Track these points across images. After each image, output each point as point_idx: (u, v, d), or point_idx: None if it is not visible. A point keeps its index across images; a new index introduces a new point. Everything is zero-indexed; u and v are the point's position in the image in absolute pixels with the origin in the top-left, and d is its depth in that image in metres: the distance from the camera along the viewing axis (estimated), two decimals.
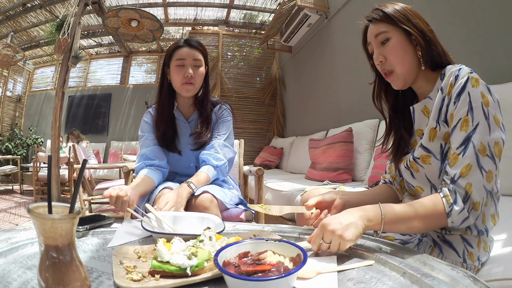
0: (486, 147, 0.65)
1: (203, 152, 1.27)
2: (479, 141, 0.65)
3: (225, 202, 1.17)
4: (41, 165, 4.51)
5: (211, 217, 0.83)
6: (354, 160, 2.50)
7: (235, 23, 5.84)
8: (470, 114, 0.66)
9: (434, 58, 0.76)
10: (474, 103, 0.66)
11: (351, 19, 3.03)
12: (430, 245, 0.78)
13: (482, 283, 0.44)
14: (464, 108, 0.67)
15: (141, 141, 1.32)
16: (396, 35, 0.77)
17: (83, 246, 0.65)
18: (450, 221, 0.66)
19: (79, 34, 3.65)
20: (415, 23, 0.76)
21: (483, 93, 0.67)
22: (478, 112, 0.66)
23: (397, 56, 0.77)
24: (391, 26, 0.77)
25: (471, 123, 0.66)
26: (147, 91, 6.24)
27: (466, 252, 0.74)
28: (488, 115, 0.66)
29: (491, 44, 1.64)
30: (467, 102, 0.67)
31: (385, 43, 0.78)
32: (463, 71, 0.70)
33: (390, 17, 0.77)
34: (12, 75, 6.69)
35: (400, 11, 0.77)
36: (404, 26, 0.75)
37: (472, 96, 0.67)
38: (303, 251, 0.48)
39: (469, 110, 0.67)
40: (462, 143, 0.67)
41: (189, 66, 1.22)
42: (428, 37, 0.76)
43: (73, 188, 2.98)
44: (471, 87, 0.67)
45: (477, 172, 0.65)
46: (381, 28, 0.78)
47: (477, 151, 0.65)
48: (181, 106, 1.34)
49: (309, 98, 4.19)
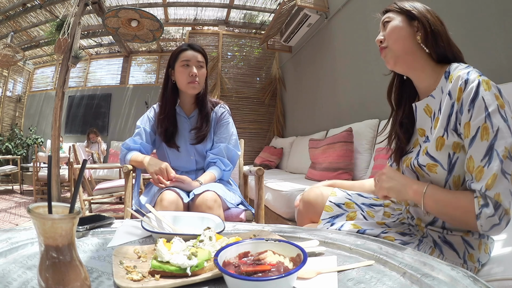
0: (509, 149, 0.62)
1: (212, 156, 1.36)
2: (503, 147, 0.62)
3: (227, 201, 1.20)
4: (41, 165, 4.51)
5: (211, 217, 0.83)
6: (354, 160, 2.50)
7: (235, 23, 5.83)
8: (489, 121, 0.63)
9: (438, 48, 0.76)
10: (490, 108, 0.63)
11: (351, 19, 3.04)
12: (430, 246, 0.78)
13: (482, 283, 0.44)
14: (481, 115, 0.64)
15: (136, 130, 1.40)
16: (397, 18, 0.81)
17: (83, 246, 0.65)
18: (479, 224, 0.64)
19: (79, 34, 3.65)
20: (420, 10, 0.78)
21: (497, 95, 0.65)
22: (496, 116, 0.63)
23: (393, 33, 0.80)
24: (397, 12, 0.82)
25: (491, 130, 0.63)
26: (147, 91, 6.25)
27: (466, 253, 0.73)
28: (506, 117, 0.63)
29: (491, 44, 1.64)
30: (483, 109, 0.64)
31: (387, 26, 0.82)
32: (472, 74, 0.67)
33: (399, 6, 0.82)
34: (12, 75, 6.69)
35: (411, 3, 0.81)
36: (407, 10, 0.79)
37: (487, 100, 0.64)
38: (303, 251, 0.48)
39: (487, 117, 0.63)
40: (485, 153, 0.63)
41: (193, 66, 1.32)
42: (435, 28, 0.76)
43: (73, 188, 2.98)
44: (484, 91, 0.64)
45: (502, 179, 0.62)
46: (389, 15, 0.83)
47: (502, 157, 0.62)
48: (183, 103, 1.42)
49: (309, 98, 4.19)
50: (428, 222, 0.80)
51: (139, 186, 1.41)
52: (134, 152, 1.35)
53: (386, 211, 0.96)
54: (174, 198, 1.11)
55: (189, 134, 1.38)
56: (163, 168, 1.19)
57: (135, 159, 1.32)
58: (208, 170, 1.34)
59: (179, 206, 1.11)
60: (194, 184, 1.21)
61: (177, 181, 1.18)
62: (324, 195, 1.03)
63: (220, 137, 1.39)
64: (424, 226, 0.81)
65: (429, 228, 0.80)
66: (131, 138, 1.38)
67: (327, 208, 0.98)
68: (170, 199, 1.10)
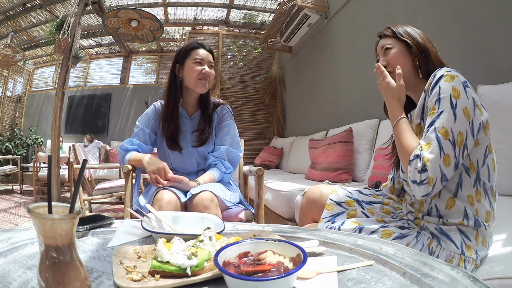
0: (449, 132, 0.73)
1: (212, 158, 1.35)
2: (440, 125, 0.74)
3: (225, 200, 1.19)
4: (41, 165, 4.51)
5: (211, 217, 0.83)
6: (354, 160, 2.50)
7: (235, 23, 5.84)
8: (437, 103, 0.76)
9: (429, 68, 0.87)
10: (442, 94, 0.76)
11: (351, 19, 3.04)
12: (428, 237, 0.81)
13: (482, 283, 0.44)
14: (434, 99, 0.77)
15: (135, 130, 1.39)
16: (397, 46, 0.91)
17: (83, 246, 0.65)
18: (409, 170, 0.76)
19: (79, 34, 3.65)
20: (414, 37, 0.90)
21: (455, 87, 0.75)
22: (444, 102, 0.75)
23: (396, 60, 0.90)
24: (395, 39, 0.92)
25: (436, 111, 0.76)
26: (147, 91, 6.25)
27: (464, 244, 0.76)
28: (455, 106, 0.74)
29: (491, 44, 1.64)
30: (436, 94, 0.77)
31: (388, 52, 0.92)
32: (442, 70, 0.79)
33: (395, 32, 0.92)
34: (12, 75, 6.69)
35: (405, 29, 0.92)
36: (405, 39, 0.90)
37: (442, 88, 0.76)
38: (303, 251, 0.48)
39: (437, 101, 0.76)
40: (428, 125, 0.76)
41: (206, 65, 1.32)
42: (426, 50, 0.88)
43: (73, 188, 2.98)
44: (443, 82, 0.77)
45: (436, 151, 0.73)
46: (387, 41, 0.93)
47: (438, 133, 0.74)
48: (185, 103, 1.40)
49: (309, 98, 4.19)
50: (424, 213, 0.84)
51: (139, 186, 1.41)
52: (132, 152, 1.34)
53: (386, 208, 0.97)
54: (171, 197, 1.11)
55: (191, 136, 1.37)
56: (161, 167, 1.19)
57: (134, 158, 1.31)
58: (208, 171, 1.33)
59: (176, 205, 1.11)
60: (192, 184, 1.20)
61: (174, 181, 1.18)
62: (327, 193, 1.06)
63: (221, 139, 1.38)
64: (421, 217, 0.85)
65: (426, 219, 0.84)
66: (129, 139, 1.37)
67: (328, 206, 1.00)
68: (167, 198, 1.10)
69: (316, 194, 1.08)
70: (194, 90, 1.33)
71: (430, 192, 0.73)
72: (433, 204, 0.81)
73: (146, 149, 1.38)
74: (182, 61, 1.33)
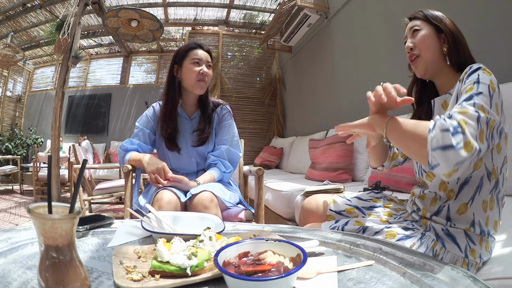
0: (486, 112, 0.64)
1: (212, 158, 1.35)
2: (480, 102, 0.64)
3: (225, 200, 1.19)
4: (41, 165, 4.51)
5: (211, 217, 0.83)
6: (354, 160, 2.50)
7: (235, 23, 5.84)
8: (476, 85, 0.68)
9: (459, 58, 0.83)
10: (482, 80, 0.69)
11: (351, 19, 3.04)
12: (433, 239, 0.79)
13: (482, 283, 0.44)
14: (472, 81, 0.69)
15: (135, 130, 1.39)
16: (426, 29, 0.86)
17: (83, 246, 0.65)
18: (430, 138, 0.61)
19: (79, 34, 3.65)
20: (446, 24, 0.85)
21: (492, 81, 0.69)
22: (483, 86, 0.67)
23: (424, 43, 0.85)
24: (425, 22, 0.87)
25: (476, 90, 0.67)
26: (147, 91, 6.25)
27: (468, 248, 0.75)
28: (492, 95, 0.67)
29: (491, 44, 1.64)
30: (475, 78, 0.70)
31: (416, 34, 0.87)
32: (478, 64, 0.74)
33: (426, 15, 0.88)
34: (12, 75, 6.69)
35: (436, 13, 0.88)
36: (436, 23, 0.86)
37: (481, 76, 0.70)
38: (303, 251, 0.48)
39: (476, 82, 0.69)
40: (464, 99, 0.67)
41: (204, 66, 1.32)
42: (458, 39, 0.84)
43: (73, 188, 2.98)
44: (481, 72, 0.71)
45: (474, 119, 0.62)
46: (416, 23, 0.88)
47: (477, 107, 0.63)
48: (185, 104, 1.40)
49: (309, 98, 4.19)
50: (433, 212, 0.82)
51: (139, 186, 1.41)
52: (132, 152, 1.34)
53: (388, 211, 0.97)
54: (171, 197, 1.11)
55: (191, 136, 1.37)
56: (160, 167, 1.19)
57: (134, 158, 1.31)
58: (208, 171, 1.33)
59: (176, 205, 1.11)
60: (192, 184, 1.20)
61: (174, 180, 1.18)
62: (325, 203, 1.05)
63: (221, 138, 1.38)
64: (429, 217, 0.83)
65: (434, 219, 0.82)
66: (129, 139, 1.37)
67: (329, 217, 1.01)
68: (167, 198, 1.10)
69: (313, 205, 1.08)
70: (192, 91, 1.33)
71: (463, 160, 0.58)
72: (447, 204, 0.79)
73: (146, 149, 1.38)
74: (180, 62, 1.33)
